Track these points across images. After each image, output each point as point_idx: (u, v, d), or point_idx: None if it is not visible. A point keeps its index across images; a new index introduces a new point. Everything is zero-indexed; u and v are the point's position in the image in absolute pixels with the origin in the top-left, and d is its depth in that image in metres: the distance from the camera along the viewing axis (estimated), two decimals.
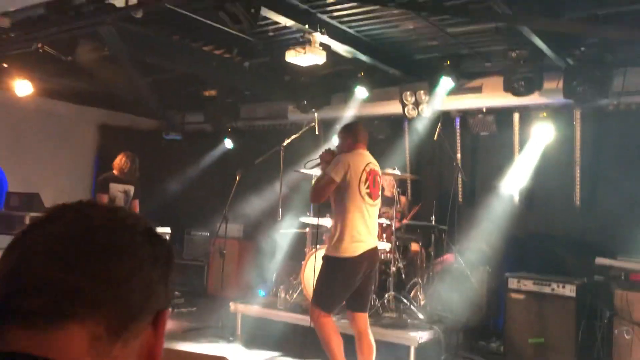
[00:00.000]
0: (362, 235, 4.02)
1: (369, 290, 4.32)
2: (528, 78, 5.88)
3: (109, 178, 6.97)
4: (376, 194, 4.18)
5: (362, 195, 4.05)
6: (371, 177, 4.14)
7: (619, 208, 6.21)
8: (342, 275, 4.04)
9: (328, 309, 4.08)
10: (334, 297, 4.08)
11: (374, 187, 4.14)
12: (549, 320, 5.13)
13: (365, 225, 4.05)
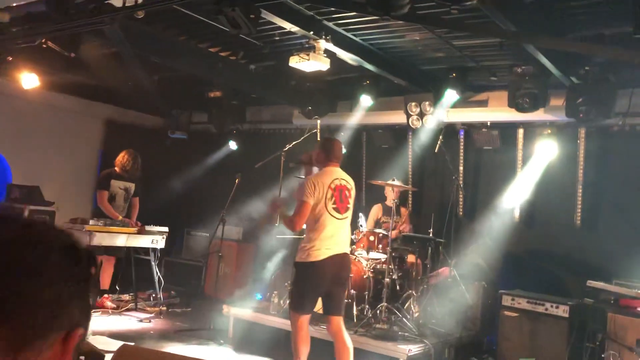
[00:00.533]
0: (328, 244, 4.35)
1: (341, 295, 4.58)
2: (533, 94, 5.85)
3: (111, 175, 7.00)
4: (344, 208, 4.48)
5: (329, 211, 4.38)
6: (337, 192, 4.43)
7: (619, 230, 6.15)
8: (309, 277, 4.38)
9: (300, 310, 4.41)
10: (303, 298, 4.43)
11: (340, 202, 4.44)
12: (541, 340, 5.08)
13: (333, 238, 4.38)
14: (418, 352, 5.18)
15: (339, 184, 4.47)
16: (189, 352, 5.40)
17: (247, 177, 6.91)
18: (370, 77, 7.01)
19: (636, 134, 6.14)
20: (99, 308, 6.79)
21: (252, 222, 8.37)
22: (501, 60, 6.11)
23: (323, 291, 4.44)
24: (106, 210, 6.79)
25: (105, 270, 7.02)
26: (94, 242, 6.30)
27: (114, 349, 5.09)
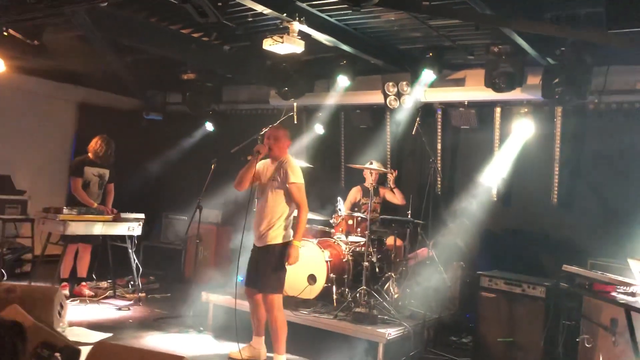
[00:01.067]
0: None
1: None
2: (509, 74, 5.82)
3: (84, 162, 6.85)
4: None
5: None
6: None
7: (596, 207, 6.22)
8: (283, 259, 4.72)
9: (282, 290, 4.81)
10: (283, 277, 4.81)
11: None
12: (519, 320, 5.13)
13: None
14: (397, 335, 5.22)
15: None
16: (168, 341, 5.38)
17: (224, 160, 6.80)
18: (347, 57, 6.91)
19: (611, 112, 6.17)
20: (77, 296, 6.72)
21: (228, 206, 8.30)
22: (478, 40, 6.05)
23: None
24: (81, 197, 6.67)
25: (82, 258, 6.92)
26: (69, 231, 6.19)
27: (92, 340, 5.07)
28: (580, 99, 5.59)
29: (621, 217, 5.88)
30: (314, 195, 7.20)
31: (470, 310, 6.18)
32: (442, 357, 5.48)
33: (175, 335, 5.62)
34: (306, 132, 8.07)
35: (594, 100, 6.10)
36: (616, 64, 5.95)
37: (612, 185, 6.09)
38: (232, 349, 5.11)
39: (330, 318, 5.35)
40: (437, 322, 5.88)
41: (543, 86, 5.68)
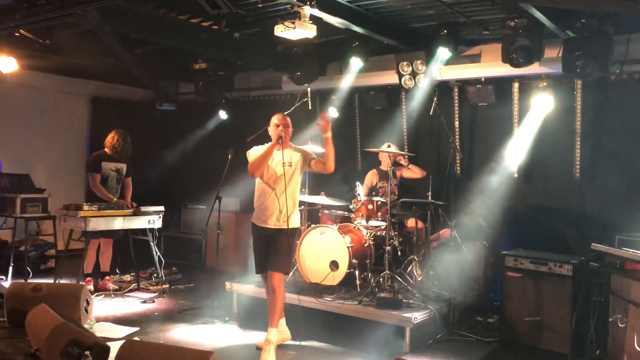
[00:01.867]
0: None
1: None
2: (527, 48, 5.66)
3: (101, 157, 6.86)
4: None
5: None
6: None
7: (619, 180, 6.09)
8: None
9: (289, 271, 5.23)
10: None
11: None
12: (546, 299, 5.06)
13: None
14: (423, 319, 5.19)
15: None
16: (195, 333, 5.40)
17: (240, 148, 6.75)
18: (359, 38, 6.79)
19: (634, 82, 5.99)
20: (102, 291, 6.78)
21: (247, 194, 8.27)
22: (493, 15, 5.90)
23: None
24: (100, 193, 6.69)
25: (104, 252, 6.97)
26: (90, 227, 6.23)
27: (119, 335, 5.11)
28: (602, 72, 5.43)
29: None
30: (333, 180, 7.17)
31: (495, 290, 6.14)
32: (469, 338, 5.46)
33: (201, 326, 5.64)
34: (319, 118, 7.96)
35: (615, 71, 5.93)
36: (638, 31, 5.77)
37: (636, 156, 5.94)
38: (258, 339, 5.13)
39: (355, 304, 5.33)
40: (462, 303, 5.85)
41: (564, 60, 5.53)
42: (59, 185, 8.24)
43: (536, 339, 5.11)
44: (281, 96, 8.72)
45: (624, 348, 4.50)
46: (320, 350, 5.01)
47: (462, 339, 5.43)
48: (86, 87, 9.32)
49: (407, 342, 5.02)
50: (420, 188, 6.76)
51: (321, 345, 5.16)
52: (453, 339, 5.42)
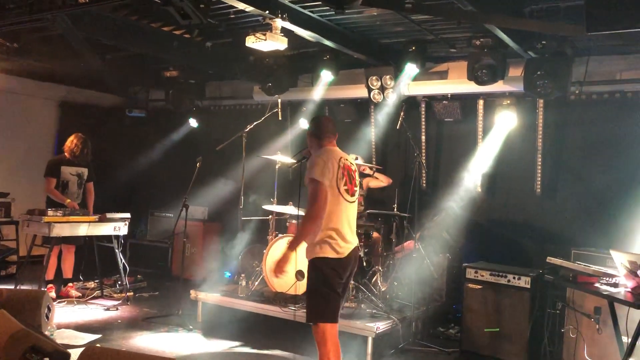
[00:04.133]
0: (347, 235, 3.84)
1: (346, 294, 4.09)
2: (491, 67, 5.85)
3: (60, 161, 6.80)
4: (352, 190, 3.95)
5: (341, 193, 3.83)
6: (346, 172, 3.89)
7: (578, 196, 6.30)
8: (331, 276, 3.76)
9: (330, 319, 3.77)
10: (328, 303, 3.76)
11: (350, 182, 3.91)
12: (505, 311, 5.21)
13: (348, 224, 3.88)
14: (386, 329, 5.28)
15: (345, 164, 3.92)
16: (158, 341, 5.38)
17: (209, 157, 6.79)
18: (330, 51, 6.90)
19: (592, 102, 6.24)
20: (64, 298, 6.69)
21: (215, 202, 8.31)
22: (460, 33, 6.08)
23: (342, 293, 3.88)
24: (55, 197, 6.62)
25: (66, 259, 6.88)
26: (54, 233, 6.15)
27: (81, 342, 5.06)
28: (561, 91, 5.66)
29: (603, 207, 5.97)
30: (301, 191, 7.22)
31: (457, 302, 6.26)
32: (430, 348, 5.56)
33: (165, 334, 5.62)
34: (290, 127, 8.06)
35: (575, 91, 6.16)
36: (596, 54, 6.02)
37: (594, 174, 6.17)
38: (222, 347, 5.13)
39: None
40: (425, 314, 5.96)
41: (525, 80, 5.74)
42: (23, 190, 8.11)
43: (495, 349, 5.24)
44: (252, 106, 8.77)
45: (576, 358, 4.67)
46: (284, 359, 5.05)
47: (423, 349, 5.53)
48: (55, 91, 9.21)
49: (369, 351, 5.10)
50: (386, 200, 6.87)
51: (285, 354, 5.20)
52: (415, 349, 5.51)
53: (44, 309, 5.16)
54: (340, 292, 3.84)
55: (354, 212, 3.99)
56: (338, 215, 3.80)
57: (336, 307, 3.80)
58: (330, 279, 3.75)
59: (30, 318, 4.88)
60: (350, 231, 3.91)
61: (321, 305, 3.76)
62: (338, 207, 3.80)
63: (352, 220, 3.96)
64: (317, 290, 3.78)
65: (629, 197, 5.67)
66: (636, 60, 5.98)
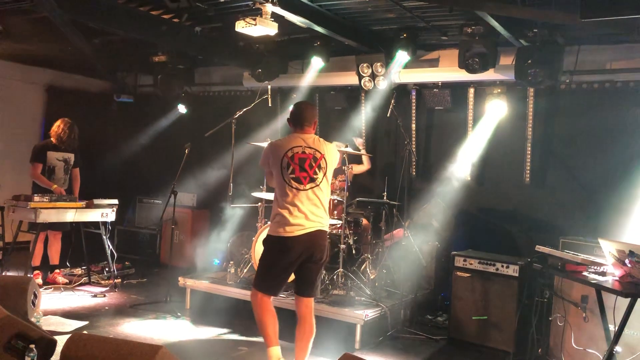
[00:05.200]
0: (293, 219, 4.01)
1: (313, 277, 4.17)
2: (482, 55, 5.83)
3: (47, 146, 6.72)
4: (306, 178, 4.06)
5: (287, 181, 4.05)
6: (295, 161, 4.06)
7: (567, 185, 6.33)
8: (274, 253, 4.08)
9: (263, 289, 4.12)
10: (265, 276, 4.15)
11: (301, 171, 4.06)
12: (493, 299, 5.23)
13: (298, 210, 4.02)
14: (374, 316, 5.29)
15: (299, 152, 4.08)
16: (145, 328, 5.35)
17: (198, 143, 6.73)
18: (321, 38, 6.84)
19: (582, 91, 6.24)
20: (51, 284, 6.64)
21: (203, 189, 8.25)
22: (451, 21, 6.03)
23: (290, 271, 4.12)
24: (40, 182, 6.55)
25: (53, 245, 6.82)
26: (40, 219, 6.08)
27: (68, 329, 5.02)
28: (552, 80, 5.65)
29: (591, 196, 6.01)
30: None
31: (445, 289, 6.28)
32: (418, 335, 5.58)
33: (153, 321, 5.59)
34: (280, 114, 8.01)
35: (565, 80, 6.16)
36: (587, 43, 6.02)
37: (583, 164, 6.19)
38: (210, 334, 5.12)
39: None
40: (413, 302, 5.97)
41: (516, 68, 5.72)
42: (9, 176, 8.01)
43: (483, 337, 5.27)
44: (242, 92, 8.70)
45: (563, 346, 4.70)
46: None
47: (411, 337, 5.55)
48: (41, 75, 9.08)
49: (358, 338, 5.11)
50: (376, 188, 6.87)
51: None
52: (403, 337, 5.53)
53: (30, 296, 5.12)
54: (284, 269, 4.08)
55: (310, 198, 4.07)
56: (285, 199, 4.04)
57: (274, 282, 4.13)
58: (271, 254, 4.11)
59: (16, 305, 4.83)
60: (302, 215, 4.02)
61: (260, 275, 4.20)
62: (285, 193, 4.06)
63: (306, 207, 4.05)
64: (262, 262, 4.21)
65: (617, 187, 5.70)
66: (626, 50, 5.98)
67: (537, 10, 4.72)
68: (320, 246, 4.14)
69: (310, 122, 4.24)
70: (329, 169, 4.19)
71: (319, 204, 4.12)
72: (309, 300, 4.20)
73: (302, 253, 4.04)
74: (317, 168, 4.11)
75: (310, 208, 4.06)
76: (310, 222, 4.05)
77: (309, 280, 4.18)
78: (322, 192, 4.14)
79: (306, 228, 4.02)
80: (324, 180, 4.14)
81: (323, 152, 4.17)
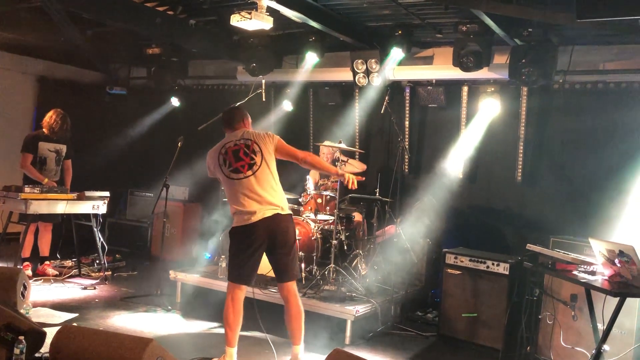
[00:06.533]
0: (246, 207, 4.14)
1: (284, 262, 4.29)
2: (476, 53, 5.84)
3: (38, 137, 6.66)
4: (244, 166, 4.21)
5: (229, 176, 4.23)
6: (229, 155, 4.26)
7: (558, 185, 6.36)
8: (238, 242, 4.22)
9: (234, 279, 4.22)
10: (233, 265, 4.25)
11: (237, 161, 4.23)
12: (483, 296, 5.26)
13: (247, 198, 4.16)
14: (365, 312, 5.30)
15: (230, 146, 4.30)
16: (135, 321, 5.34)
17: (190, 137, 6.70)
18: (316, 33, 6.83)
19: (575, 92, 6.27)
20: (41, 276, 6.60)
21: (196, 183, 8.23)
22: (447, 18, 6.05)
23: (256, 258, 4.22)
24: (30, 173, 6.50)
25: (43, 237, 6.78)
26: (31, 210, 6.04)
27: (57, 321, 5.00)
28: (545, 79, 5.67)
29: (582, 195, 6.04)
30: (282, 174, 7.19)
31: (436, 286, 6.31)
32: (408, 332, 5.60)
33: (143, 314, 5.58)
34: (274, 108, 8.00)
35: (559, 80, 6.18)
36: (581, 44, 6.04)
37: (575, 164, 6.23)
38: (200, 328, 5.11)
39: (300, 296, 5.34)
40: (404, 298, 6.00)
41: (510, 67, 5.74)
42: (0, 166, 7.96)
43: (473, 334, 5.30)
44: (236, 86, 8.68)
45: (552, 344, 4.74)
46: (262, 340, 5.03)
47: (401, 333, 5.57)
48: (33, 65, 9.00)
49: (348, 334, 5.13)
50: (368, 184, 6.87)
51: (263, 335, 5.16)
52: (393, 333, 5.55)
53: (20, 287, 5.09)
54: (249, 255, 4.17)
55: (252, 184, 4.19)
56: (234, 193, 4.21)
57: (242, 270, 4.21)
58: (236, 244, 4.23)
59: (5, 296, 4.81)
60: (254, 201, 4.16)
61: (229, 266, 4.30)
62: (233, 188, 4.21)
63: (254, 191, 4.18)
64: (229, 253, 4.30)
65: (608, 187, 5.74)
66: (620, 51, 6.01)
67: (533, 10, 4.73)
68: (282, 229, 4.22)
69: (239, 122, 4.50)
70: (265, 151, 4.27)
71: (267, 187, 4.22)
72: (289, 284, 4.32)
73: (264, 239, 4.16)
74: (252, 153, 4.25)
75: (259, 192, 4.18)
76: (264, 207, 4.16)
77: (281, 266, 4.31)
78: (267, 174, 4.25)
79: (263, 214, 4.14)
80: (263, 162, 4.24)
81: (253, 138, 4.34)
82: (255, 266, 4.25)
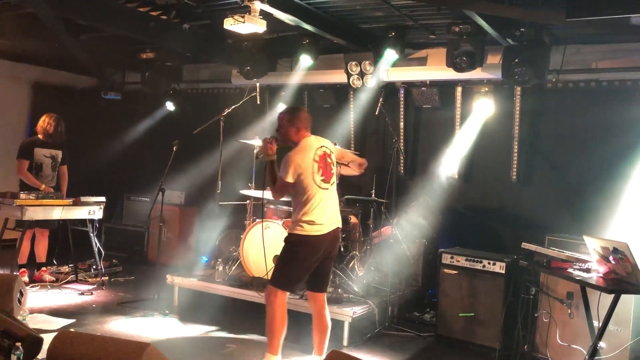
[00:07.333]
0: (322, 218, 4.12)
1: (328, 271, 4.37)
2: (470, 54, 5.86)
3: (34, 143, 6.66)
4: (329, 175, 4.23)
5: (318, 184, 4.14)
6: (322, 162, 4.18)
7: (553, 184, 6.39)
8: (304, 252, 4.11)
9: (284, 287, 4.15)
10: (290, 274, 4.17)
11: (326, 170, 4.19)
12: (479, 296, 5.27)
13: (324, 210, 4.15)
14: (362, 313, 5.32)
15: (321, 153, 4.19)
16: (133, 326, 5.34)
17: (186, 141, 6.70)
18: (310, 35, 6.84)
19: (568, 90, 6.30)
20: (37, 282, 6.59)
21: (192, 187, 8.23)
22: (439, 20, 6.07)
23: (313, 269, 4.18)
24: (27, 179, 6.50)
25: (40, 243, 6.78)
26: (27, 216, 6.03)
27: (54, 327, 4.99)
28: (539, 79, 5.69)
29: (577, 194, 6.07)
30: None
31: (433, 286, 6.32)
32: (405, 332, 5.62)
33: (140, 319, 5.57)
34: (269, 111, 8.01)
35: (552, 79, 6.21)
36: (573, 43, 6.07)
37: (569, 162, 6.25)
38: (198, 332, 5.11)
39: (297, 298, 5.38)
40: (401, 299, 6.01)
41: (503, 67, 5.77)
42: None
43: (470, 334, 5.31)
44: (230, 90, 8.69)
45: (548, 342, 4.76)
46: (260, 343, 5.03)
47: (399, 334, 5.59)
48: (28, 72, 8.99)
49: (346, 335, 5.14)
50: (364, 186, 6.89)
51: (262, 338, 5.17)
52: (390, 334, 5.57)
53: (16, 294, 5.09)
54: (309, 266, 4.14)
55: (331, 196, 4.26)
56: (316, 203, 4.11)
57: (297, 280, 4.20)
58: (301, 253, 4.10)
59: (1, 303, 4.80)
60: (328, 214, 4.18)
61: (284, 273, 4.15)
62: (315, 196, 4.12)
63: (330, 204, 4.23)
64: (287, 260, 4.16)
65: (602, 185, 5.77)
66: (612, 50, 6.05)
67: (524, 10, 4.76)
68: (338, 242, 4.41)
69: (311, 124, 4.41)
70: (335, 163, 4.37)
71: (337, 201, 4.37)
72: (323, 296, 4.35)
73: (324, 250, 4.17)
74: (332, 164, 4.29)
75: (334, 204, 4.27)
76: (334, 219, 4.25)
77: (325, 275, 4.34)
78: (334, 189, 4.34)
79: (331, 226, 4.19)
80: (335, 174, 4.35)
81: (329, 147, 4.36)
82: (307, 276, 4.23)
